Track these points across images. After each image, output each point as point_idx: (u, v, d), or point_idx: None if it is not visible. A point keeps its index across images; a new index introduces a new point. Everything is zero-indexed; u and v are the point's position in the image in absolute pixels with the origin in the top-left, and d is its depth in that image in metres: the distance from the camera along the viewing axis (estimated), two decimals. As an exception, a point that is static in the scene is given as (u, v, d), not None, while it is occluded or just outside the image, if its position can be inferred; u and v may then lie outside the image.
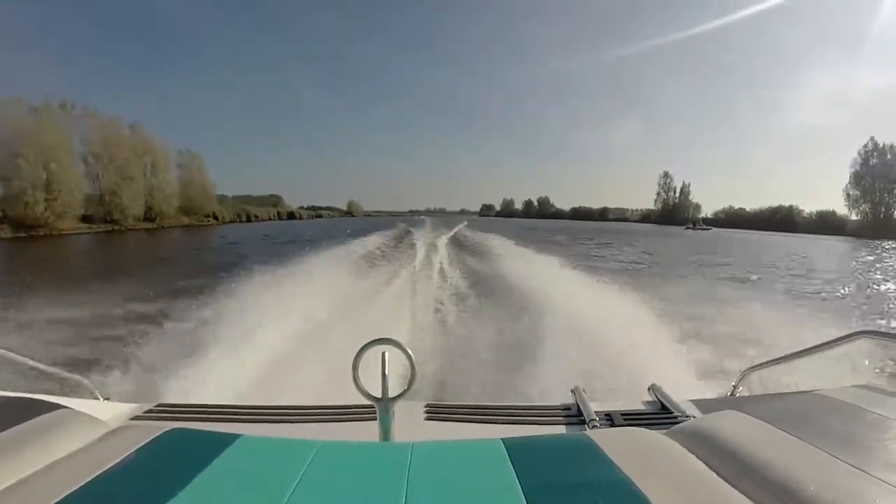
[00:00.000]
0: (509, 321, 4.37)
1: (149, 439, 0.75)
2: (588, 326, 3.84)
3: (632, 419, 1.25)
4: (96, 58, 68.05)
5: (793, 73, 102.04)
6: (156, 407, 1.35)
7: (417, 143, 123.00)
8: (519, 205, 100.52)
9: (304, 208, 71.22)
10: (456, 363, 3.53)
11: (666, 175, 73.32)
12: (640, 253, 18.01)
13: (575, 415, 1.27)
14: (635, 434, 0.82)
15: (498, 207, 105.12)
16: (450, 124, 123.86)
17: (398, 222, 27.70)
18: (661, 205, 72.90)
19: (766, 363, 1.48)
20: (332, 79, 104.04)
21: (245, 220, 50.30)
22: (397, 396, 0.90)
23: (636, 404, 1.38)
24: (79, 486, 0.61)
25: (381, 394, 0.89)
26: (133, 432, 0.79)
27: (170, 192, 37.43)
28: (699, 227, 51.81)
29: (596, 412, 1.24)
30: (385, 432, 0.90)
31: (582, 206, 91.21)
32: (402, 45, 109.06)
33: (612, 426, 1.21)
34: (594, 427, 1.17)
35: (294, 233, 27.01)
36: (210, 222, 42.31)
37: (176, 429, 0.80)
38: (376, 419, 0.90)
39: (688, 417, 1.22)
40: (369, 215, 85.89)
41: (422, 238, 14.94)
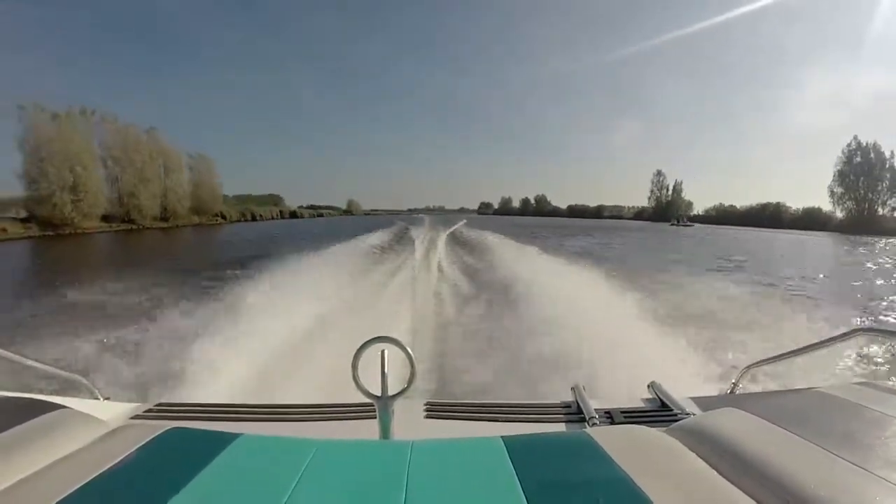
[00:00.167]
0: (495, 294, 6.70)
1: (149, 439, 0.75)
2: (533, 279, 6.64)
3: (632, 417, 1.26)
4: (96, 58, 68.49)
5: (792, 74, 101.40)
6: (155, 406, 1.36)
7: (416, 143, 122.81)
8: (517, 203, 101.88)
9: (303, 207, 71.91)
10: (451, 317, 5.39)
11: (659, 173, 75.14)
12: (593, 243, 21.69)
13: (575, 412, 1.28)
14: (635, 432, 0.83)
15: (496, 205, 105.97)
16: (449, 124, 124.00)
17: (397, 221, 28.85)
18: (655, 202, 74.67)
19: (766, 360, 1.49)
20: (332, 78, 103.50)
21: (251, 219, 52.40)
22: (397, 394, 0.90)
23: (636, 402, 1.38)
24: (79, 485, 0.61)
25: (380, 392, 0.90)
26: (133, 432, 0.79)
27: (182, 192, 39.85)
28: (682, 223, 54.14)
29: (596, 410, 1.25)
30: (385, 430, 0.90)
31: (578, 204, 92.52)
32: (402, 45, 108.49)
33: (611, 424, 1.22)
34: (594, 425, 1.18)
35: (304, 229, 28.91)
36: (219, 221, 44.40)
37: (176, 428, 0.80)
38: (376, 417, 0.90)
39: (688, 415, 1.21)
40: (368, 214, 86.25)
41: (420, 237, 15.88)
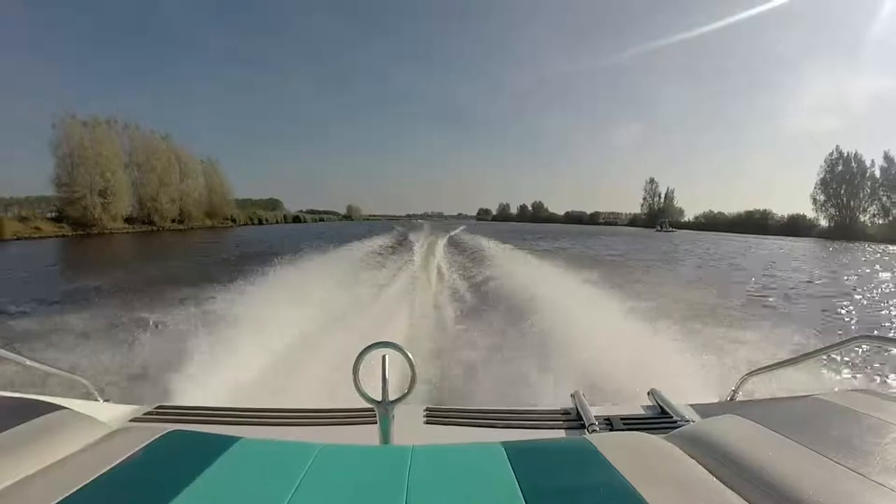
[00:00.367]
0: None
1: (148, 441, 0.75)
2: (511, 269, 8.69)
3: (631, 423, 1.26)
4: (93, 57, 69.23)
5: (789, 79, 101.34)
6: (155, 409, 1.35)
7: (415, 148, 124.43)
8: (514, 209, 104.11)
9: (303, 212, 73.69)
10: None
11: (651, 181, 77.89)
12: (571, 244, 24.70)
13: (575, 419, 1.29)
14: (635, 438, 0.83)
15: (494, 212, 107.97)
16: (448, 129, 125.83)
17: (397, 226, 29.55)
18: (648, 209, 77.30)
19: (766, 368, 1.49)
20: (331, 83, 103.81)
21: (258, 222, 54.84)
22: (397, 400, 0.90)
23: (636, 409, 1.38)
24: (78, 487, 0.61)
25: (381, 397, 0.89)
26: (133, 434, 0.78)
27: (198, 197, 42.43)
28: (665, 229, 57.03)
29: (596, 416, 1.25)
30: (385, 435, 0.90)
31: (575, 211, 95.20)
32: (402, 50, 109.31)
33: (611, 430, 1.23)
34: (594, 431, 1.18)
35: (316, 231, 31.01)
36: (229, 224, 46.80)
37: (176, 431, 0.80)
38: (376, 422, 0.90)
39: (687, 422, 1.22)
40: (367, 219, 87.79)
41: (420, 241, 16.58)
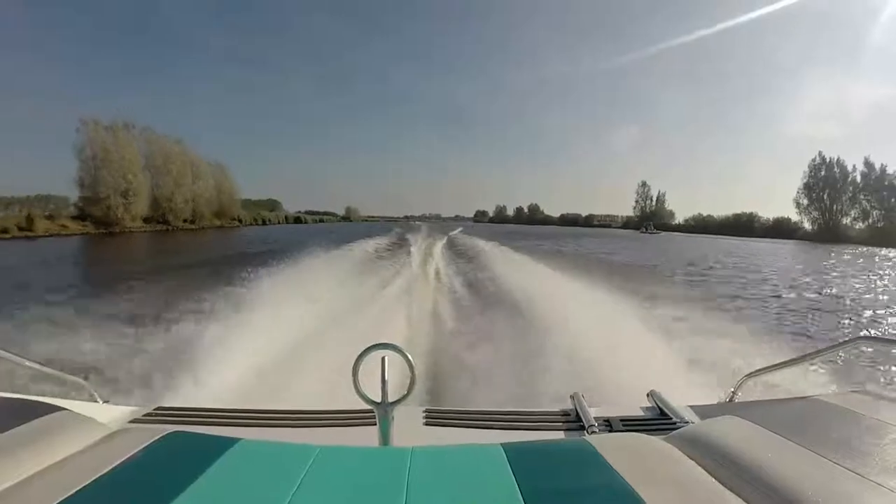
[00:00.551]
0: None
1: (148, 442, 0.75)
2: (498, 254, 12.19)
3: (631, 425, 1.26)
4: (93, 58, 68.68)
5: (789, 85, 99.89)
6: (155, 410, 1.35)
7: (414, 150, 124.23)
8: (511, 211, 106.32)
9: (301, 212, 74.60)
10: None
11: (644, 184, 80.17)
12: (551, 244, 26.36)
13: (574, 420, 1.29)
14: (635, 439, 0.83)
15: (491, 213, 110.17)
16: (447, 131, 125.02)
17: (395, 227, 30.07)
18: (640, 212, 79.74)
19: (765, 369, 1.49)
20: (330, 83, 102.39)
21: (262, 223, 56.87)
22: (397, 401, 0.90)
23: (635, 410, 1.38)
24: (77, 489, 0.61)
25: (380, 398, 0.90)
26: (132, 435, 0.79)
27: (208, 198, 44.52)
28: (650, 231, 59.64)
29: (595, 418, 1.25)
30: (384, 437, 0.90)
31: (570, 213, 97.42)
32: (402, 51, 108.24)
33: (611, 432, 1.23)
34: (593, 433, 1.19)
35: (319, 231, 33.09)
36: (236, 225, 48.85)
37: (175, 432, 0.80)
38: (376, 424, 0.91)
39: (687, 423, 1.22)
40: (366, 220, 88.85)
41: (418, 242, 17.11)
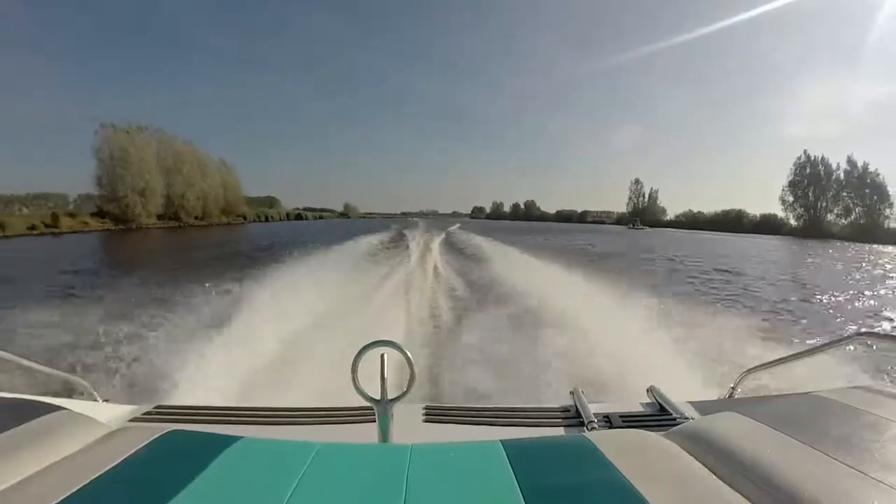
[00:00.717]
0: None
1: (147, 441, 0.75)
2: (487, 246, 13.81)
3: (630, 421, 1.27)
4: (93, 58, 70.73)
5: (788, 83, 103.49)
6: (154, 409, 1.37)
7: (412, 147, 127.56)
8: (508, 207, 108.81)
9: (299, 209, 76.03)
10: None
11: (637, 182, 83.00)
12: (537, 238, 28.09)
13: (574, 416, 1.30)
14: (634, 435, 0.83)
15: (488, 210, 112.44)
16: (444, 129, 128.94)
17: (393, 224, 30.60)
18: (633, 208, 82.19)
19: (765, 365, 1.49)
20: (330, 84, 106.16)
21: (265, 220, 58.91)
22: (396, 398, 0.91)
23: (635, 406, 1.39)
24: (77, 488, 0.61)
25: (379, 395, 0.90)
26: (131, 434, 0.79)
27: (216, 196, 46.54)
28: (637, 227, 62.64)
29: (595, 414, 1.26)
30: (384, 434, 0.91)
31: (565, 210, 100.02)
32: (402, 52, 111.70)
33: (610, 428, 1.23)
34: (593, 429, 1.19)
35: (320, 228, 34.88)
36: (241, 221, 50.93)
37: (174, 431, 0.81)
38: (375, 421, 0.91)
39: (686, 419, 1.23)
40: (364, 217, 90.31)
41: (416, 238, 17.71)
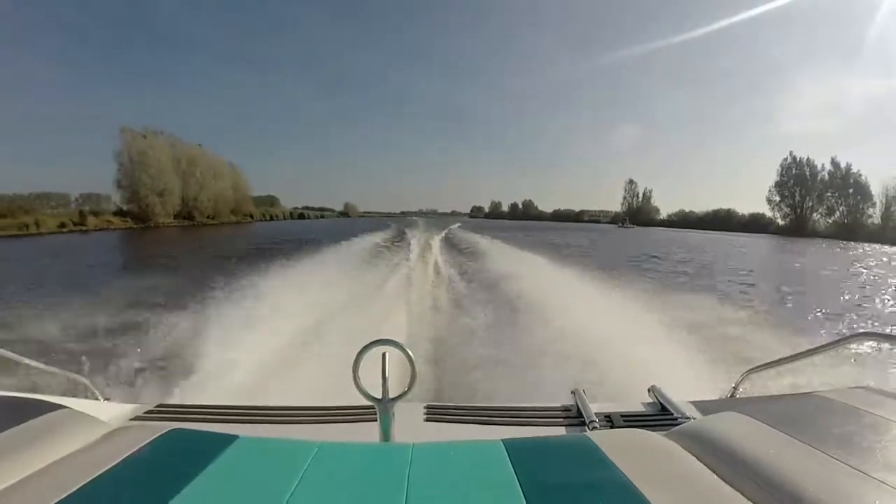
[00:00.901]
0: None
1: (149, 440, 0.75)
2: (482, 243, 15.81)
3: (632, 420, 1.27)
4: (93, 58, 68.47)
5: (787, 82, 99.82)
6: (156, 407, 1.37)
7: (411, 147, 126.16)
8: (506, 207, 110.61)
9: (298, 208, 76.88)
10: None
11: (631, 182, 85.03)
12: (523, 235, 29.37)
13: (575, 416, 1.30)
14: (635, 435, 0.83)
15: (487, 209, 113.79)
16: (444, 129, 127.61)
17: (392, 223, 31.18)
18: (627, 208, 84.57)
19: (767, 365, 1.49)
20: (330, 84, 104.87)
21: (270, 219, 61.33)
22: (397, 397, 0.91)
23: (636, 406, 1.39)
24: (79, 486, 0.61)
25: (381, 394, 0.90)
26: (133, 433, 0.79)
27: (227, 196, 48.80)
28: (626, 225, 65.48)
29: (596, 413, 1.26)
30: (385, 433, 0.91)
31: (562, 209, 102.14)
32: (402, 52, 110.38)
33: (612, 427, 1.23)
34: (594, 428, 1.19)
35: (324, 227, 37.15)
36: (248, 220, 53.35)
37: (176, 429, 0.81)
38: (376, 420, 0.91)
39: (688, 419, 1.22)
40: (363, 216, 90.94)
41: (416, 237, 18.28)
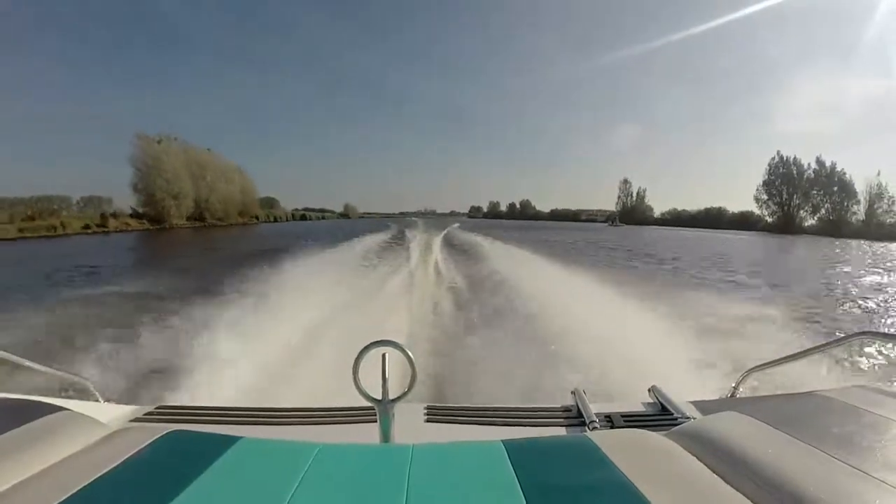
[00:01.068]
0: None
1: (149, 441, 0.75)
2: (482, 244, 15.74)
3: (632, 421, 1.27)
4: (93, 58, 67.50)
5: (785, 81, 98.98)
6: (156, 409, 1.37)
7: (410, 147, 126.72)
8: (504, 207, 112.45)
9: (298, 210, 77.78)
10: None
11: (625, 181, 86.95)
12: (516, 233, 29.43)
13: (575, 416, 1.30)
14: (636, 435, 0.83)
15: (485, 209, 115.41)
16: (445, 129, 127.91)
17: (392, 224, 31.64)
18: (622, 207, 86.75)
19: (767, 364, 1.49)
20: (330, 84, 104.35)
21: (273, 220, 63.56)
22: (397, 398, 0.91)
23: (636, 406, 1.39)
24: (79, 488, 0.61)
25: (381, 395, 0.90)
26: (133, 434, 0.79)
27: (236, 199, 51.05)
28: (615, 224, 67.88)
29: (596, 414, 1.26)
30: (385, 434, 0.91)
31: (560, 209, 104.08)
32: (402, 52, 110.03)
33: (612, 428, 1.23)
34: (594, 429, 1.19)
35: (326, 227, 38.95)
36: (255, 222, 55.61)
37: (176, 431, 0.81)
38: (377, 421, 0.91)
39: (688, 419, 1.22)
40: (363, 217, 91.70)
41: (416, 238, 18.41)
